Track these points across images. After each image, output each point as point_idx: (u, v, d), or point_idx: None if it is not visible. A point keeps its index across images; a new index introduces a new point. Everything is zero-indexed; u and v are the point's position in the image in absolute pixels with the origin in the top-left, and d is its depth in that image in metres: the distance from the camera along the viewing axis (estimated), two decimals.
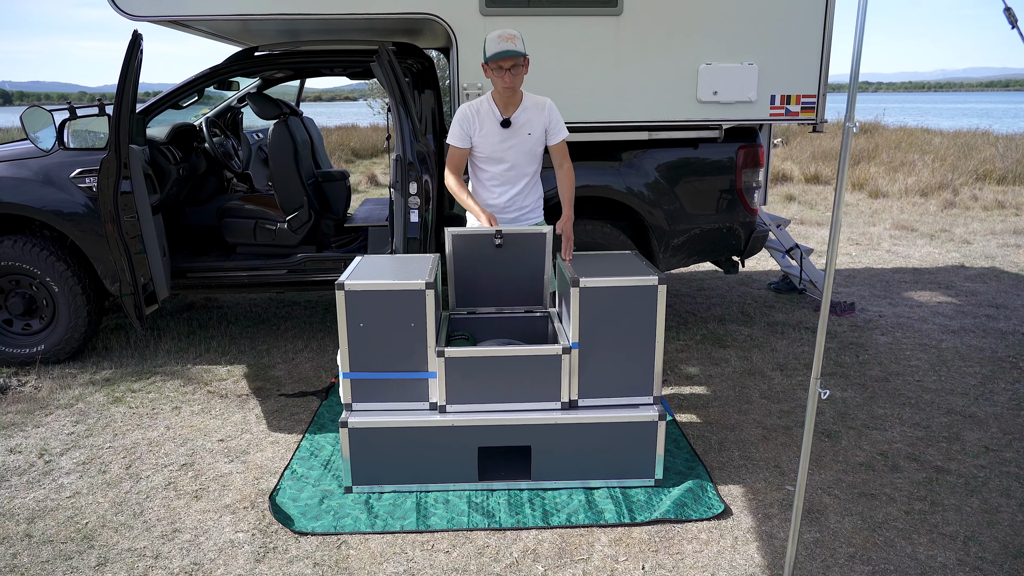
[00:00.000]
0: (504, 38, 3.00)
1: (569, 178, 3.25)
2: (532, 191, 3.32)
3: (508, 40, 3.00)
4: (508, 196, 3.27)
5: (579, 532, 2.60)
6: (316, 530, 2.60)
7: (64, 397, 3.77)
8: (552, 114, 3.21)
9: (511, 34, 3.02)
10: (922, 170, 11.38)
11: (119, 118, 3.57)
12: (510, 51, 2.98)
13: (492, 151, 3.19)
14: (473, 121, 3.17)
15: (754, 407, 3.59)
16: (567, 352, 2.80)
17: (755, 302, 5.33)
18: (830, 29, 3.96)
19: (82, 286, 4.10)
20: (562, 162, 3.26)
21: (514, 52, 2.98)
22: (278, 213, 4.48)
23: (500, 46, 2.99)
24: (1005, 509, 2.72)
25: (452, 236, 3.17)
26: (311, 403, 3.69)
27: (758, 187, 4.32)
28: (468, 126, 3.18)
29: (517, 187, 3.26)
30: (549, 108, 3.21)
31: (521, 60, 3.04)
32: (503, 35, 3.01)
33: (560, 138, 3.23)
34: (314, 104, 75.91)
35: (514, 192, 3.26)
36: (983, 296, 5.40)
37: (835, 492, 2.84)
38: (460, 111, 3.21)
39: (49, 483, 2.95)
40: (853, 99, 1.91)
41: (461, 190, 3.21)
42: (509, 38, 3.01)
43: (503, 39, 3.00)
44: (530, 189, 3.31)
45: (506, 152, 3.19)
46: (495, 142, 3.17)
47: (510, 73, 3.03)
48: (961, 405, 3.60)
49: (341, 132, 18.06)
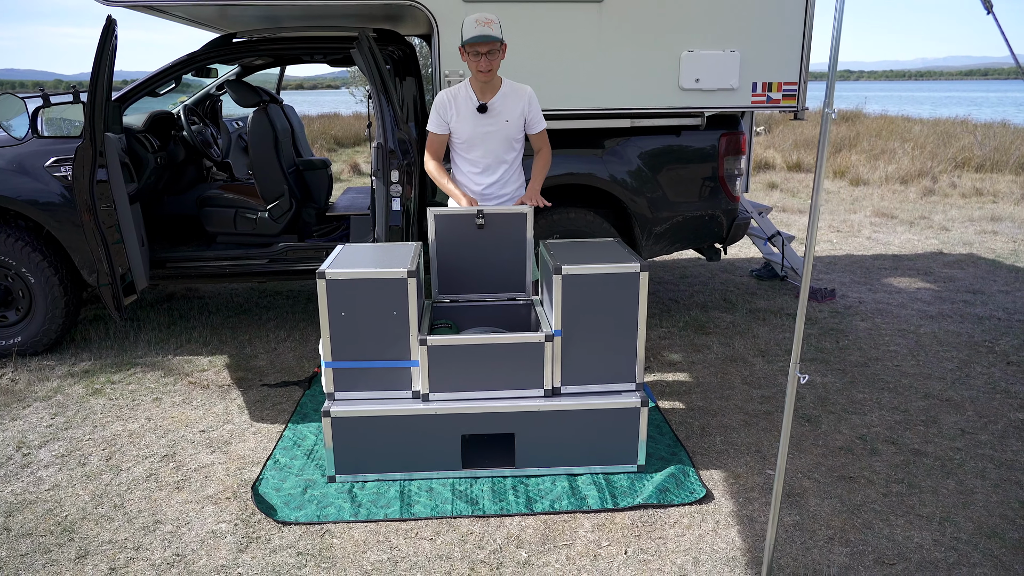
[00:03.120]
0: (481, 22, 2.98)
1: (545, 158, 3.30)
2: (513, 179, 3.31)
3: (485, 24, 2.97)
4: (487, 183, 3.26)
5: (562, 518, 2.61)
6: (299, 519, 2.60)
7: (42, 389, 3.72)
8: (532, 103, 3.21)
9: (488, 18, 3.00)
10: (902, 158, 11.49)
11: (94, 105, 3.51)
12: (486, 36, 2.96)
13: (468, 136, 3.19)
14: (450, 107, 3.17)
15: (736, 393, 3.62)
16: (550, 339, 2.80)
17: (737, 289, 5.37)
18: (811, 17, 3.97)
19: (59, 277, 4.04)
20: (541, 147, 3.30)
21: (490, 37, 2.96)
22: (259, 202, 4.44)
23: (476, 30, 2.97)
24: (980, 490, 2.77)
25: (435, 216, 3.17)
26: (294, 393, 3.67)
27: (740, 175, 4.33)
28: (445, 111, 3.18)
29: (496, 174, 3.26)
30: (529, 97, 3.20)
31: (497, 45, 3.02)
32: (480, 19, 2.98)
33: (540, 128, 3.26)
34: (296, 92, 75.10)
35: (493, 179, 3.26)
36: (960, 282, 5.48)
37: (815, 476, 2.87)
38: (438, 97, 3.21)
39: (27, 476, 2.92)
40: (832, 85, 1.92)
41: (441, 175, 3.21)
42: (486, 22, 2.98)
43: (480, 23, 2.97)
44: (510, 177, 3.30)
45: (483, 138, 3.19)
46: (471, 127, 3.17)
47: (486, 58, 3.02)
48: (938, 389, 3.65)
49: (323, 120, 17.90)
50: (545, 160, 3.30)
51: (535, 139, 3.29)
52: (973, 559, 2.38)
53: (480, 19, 2.99)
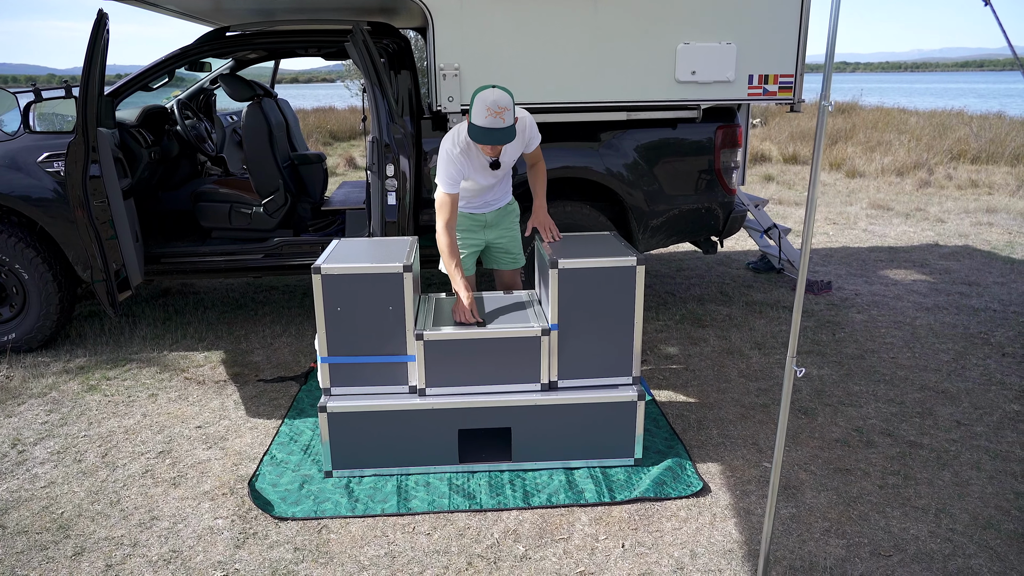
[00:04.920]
0: (493, 113, 2.70)
1: (541, 174, 3.24)
2: (502, 185, 3.31)
3: (497, 116, 2.70)
4: (480, 201, 3.25)
5: (559, 512, 2.61)
6: (296, 515, 2.60)
7: (37, 386, 3.71)
8: (530, 130, 3.08)
9: (501, 108, 2.70)
10: (898, 150, 11.50)
11: (86, 100, 3.49)
12: (497, 139, 2.75)
13: (480, 188, 3.15)
14: (465, 165, 2.98)
15: (732, 386, 3.63)
16: (546, 333, 2.80)
17: (733, 282, 5.37)
18: (807, 9, 3.95)
19: (53, 273, 4.02)
20: (536, 161, 3.23)
21: (501, 140, 2.76)
22: (253, 197, 4.42)
23: (488, 124, 2.71)
24: (975, 482, 2.78)
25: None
26: (290, 388, 3.66)
27: (736, 167, 4.32)
28: (461, 169, 2.96)
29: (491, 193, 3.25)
30: (529, 126, 3.07)
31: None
32: (493, 108, 2.69)
33: (535, 146, 3.17)
34: (290, 86, 74.82)
35: (487, 196, 3.25)
36: (956, 274, 5.49)
37: (811, 468, 2.88)
38: (448, 154, 2.92)
39: (23, 473, 2.91)
40: (829, 77, 1.91)
41: (452, 256, 2.92)
42: (498, 113, 2.70)
43: (492, 114, 2.70)
44: (500, 185, 3.30)
45: (491, 184, 3.17)
46: (483, 181, 3.12)
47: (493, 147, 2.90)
48: (934, 381, 3.66)
49: (318, 114, 17.83)
50: (543, 175, 3.23)
51: (530, 156, 3.20)
52: (968, 550, 2.39)
53: (493, 108, 2.69)
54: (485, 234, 3.31)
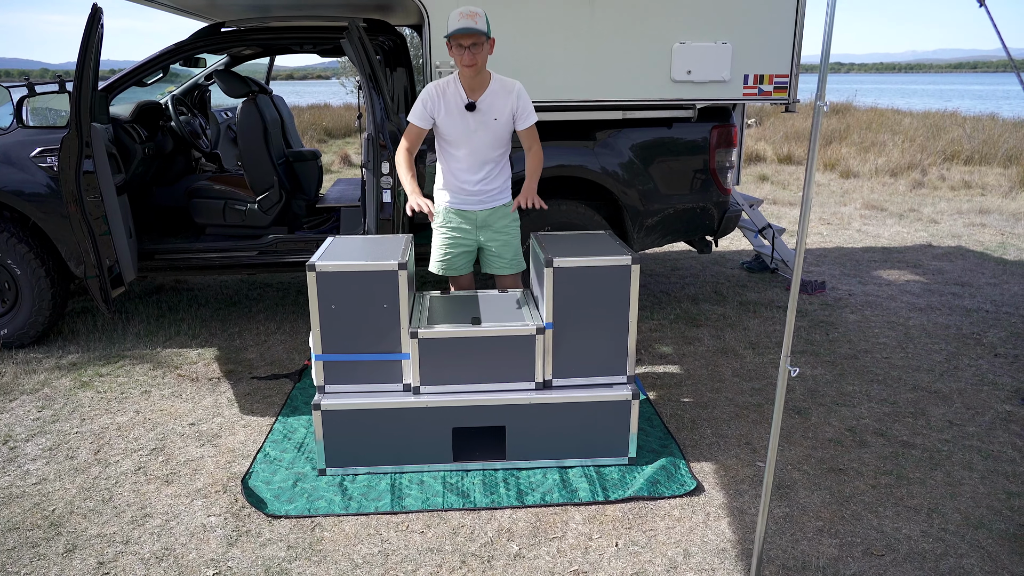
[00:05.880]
0: (465, 15, 2.94)
1: (537, 158, 3.21)
2: (499, 175, 3.27)
3: (469, 17, 2.93)
4: (474, 179, 3.22)
5: (553, 511, 2.62)
6: (289, 513, 2.59)
7: (29, 382, 3.69)
8: (521, 99, 3.13)
9: (473, 11, 2.96)
10: (892, 150, 11.54)
11: (80, 95, 3.46)
12: (469, 28, 2.92)
13: (457, 135, 3.14)
14: (438, 102, 3.11)
15: (726, 385, 3.63)
16: (541, 332, 2.80)
17: (728, 281, 5.38)
18: (803, 9, 3.96)
19: (46, 269, 4.00)
20: (531, 145, 3.21)
21: (474, 30, 2.92)
22: (248, 193, 4.40)
23: (460, 23, 2.92)
24: (967, 482, 2.79)
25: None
26: (284, 386, 3.65)
27: (731, 167, 4.33)
28: (432, 105, 3.11)
29: (483, 171, 3.21)
30: (518, 92, 3.13)
31: (482, 39, 2.97)
32: (464, 12, 2.95)
33: (529, 123, 3.16)
34: (285, 83, 74.61)
35: (480, 176, 3.21)
36: (949, 274, 5.51)
37: (804, 468, 2.89)
38: (426, 89, 3.14)
39: (14, 470, 2.90)
40: (824, 77, 1.91)
41: (406, 169, 3.10)
42: (471, 15, 2.94)
43: (464, 16, 2.94)
44: (497, 173, 3.26)
45: (471, 136, 3.13)
46: (459, 126, 3.11)
47: (470, 51, 2.97)
48: (927, 381, 3.67)
49: (313, 111, 17.79)
50: (537, 159, 3.21)
51: (524, 135, 3.18)
52: (960, 550, 2.40)
53: (464, 12, 2.94)
54: (478, 235, 3.30)
